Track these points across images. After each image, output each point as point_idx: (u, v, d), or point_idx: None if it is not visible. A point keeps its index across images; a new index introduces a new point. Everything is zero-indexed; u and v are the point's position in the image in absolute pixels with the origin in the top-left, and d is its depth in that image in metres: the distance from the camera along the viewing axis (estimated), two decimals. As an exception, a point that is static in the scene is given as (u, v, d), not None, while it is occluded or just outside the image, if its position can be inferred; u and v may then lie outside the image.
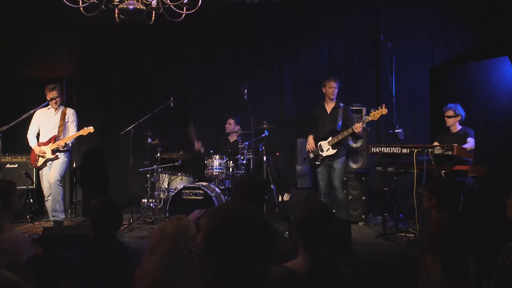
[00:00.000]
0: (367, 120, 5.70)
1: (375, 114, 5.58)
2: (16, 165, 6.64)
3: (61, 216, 5.96)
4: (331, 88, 5.92)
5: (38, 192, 6.46)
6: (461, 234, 2.87)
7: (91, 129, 5.87)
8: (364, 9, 7.24)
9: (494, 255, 2.73)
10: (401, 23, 7.06)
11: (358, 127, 5.62)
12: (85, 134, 5.90)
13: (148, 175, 6.31)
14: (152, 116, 6.34)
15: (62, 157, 5.95)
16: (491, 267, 2.57)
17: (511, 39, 5.69)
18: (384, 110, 5.55)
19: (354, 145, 6.66)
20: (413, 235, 5.40)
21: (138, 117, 6.32)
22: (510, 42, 5.72)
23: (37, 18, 7.07)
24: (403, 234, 5.55)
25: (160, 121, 6.71)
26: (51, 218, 5.93)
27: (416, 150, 5.10)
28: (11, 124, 5.72)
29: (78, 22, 6.76)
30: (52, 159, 5.91)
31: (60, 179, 5.94)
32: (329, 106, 6.02)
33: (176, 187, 6.27)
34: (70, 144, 6.04)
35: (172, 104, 6.40)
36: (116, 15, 3.07)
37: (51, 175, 5.89)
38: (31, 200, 6.57)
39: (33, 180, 6.61)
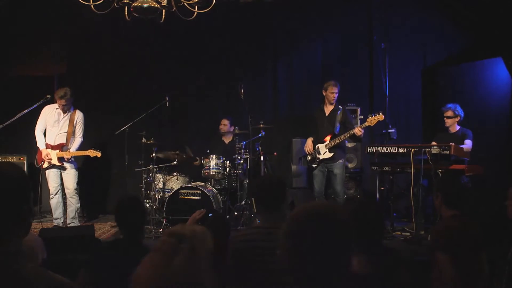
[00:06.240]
0: (364, 126, 5.62)
1: (372, 120, 5.51)
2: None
3: (78, 223, 5.87)
4: (333, 94, 5.84)
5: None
6: (473, 232, 2.89)
7: (98, 154, 5.70)
8: (358, 10, 7.30)
9: (502, 254, 2.76)
10: (394, 24, 7.12)
11: (359, 130, 5.55)
12: (91, 156, 5.73)
13: (144, 175, 6.24)
14: (147, 115, 6.28)
15: (72, 167, 5.81)
16: (501, 266, 2.60)
17: (505, 40, 5.76)
18: (381, 117, 5.50)
19: (349, 145, 6.68)
20: (409, 233, 5.46)
21: (133, 116, 6.24)
22: (504, 43, 5.78)
23: (27, 16, 6.93)
24: (399, 232, 5.60)
25: (155, 121, 6.64)
26: (69, 224, 5.79)
27: (413, 150, 5.15)
28: (2, 125, 5.53)
29: (68, 20, 6.71)
30: (58, 167, 5.75)
31: (77, 187, 5.85)
32: (327, 108, 5.96)
33: (171, 187, 6.22)
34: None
35: (167, 103, 6.35)
36: (126, 13, 3.03)
37: (69, 186, 5.79)
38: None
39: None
